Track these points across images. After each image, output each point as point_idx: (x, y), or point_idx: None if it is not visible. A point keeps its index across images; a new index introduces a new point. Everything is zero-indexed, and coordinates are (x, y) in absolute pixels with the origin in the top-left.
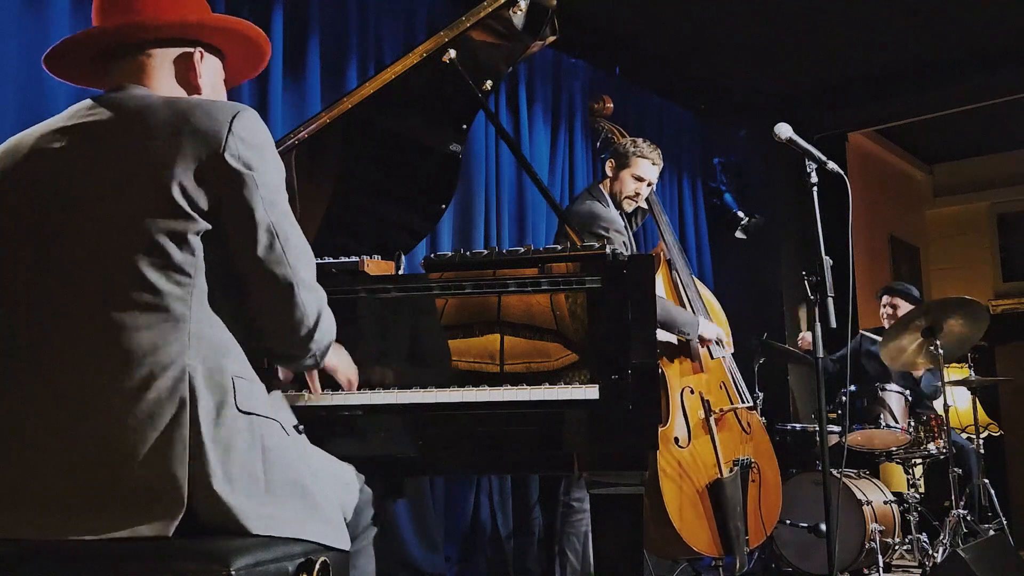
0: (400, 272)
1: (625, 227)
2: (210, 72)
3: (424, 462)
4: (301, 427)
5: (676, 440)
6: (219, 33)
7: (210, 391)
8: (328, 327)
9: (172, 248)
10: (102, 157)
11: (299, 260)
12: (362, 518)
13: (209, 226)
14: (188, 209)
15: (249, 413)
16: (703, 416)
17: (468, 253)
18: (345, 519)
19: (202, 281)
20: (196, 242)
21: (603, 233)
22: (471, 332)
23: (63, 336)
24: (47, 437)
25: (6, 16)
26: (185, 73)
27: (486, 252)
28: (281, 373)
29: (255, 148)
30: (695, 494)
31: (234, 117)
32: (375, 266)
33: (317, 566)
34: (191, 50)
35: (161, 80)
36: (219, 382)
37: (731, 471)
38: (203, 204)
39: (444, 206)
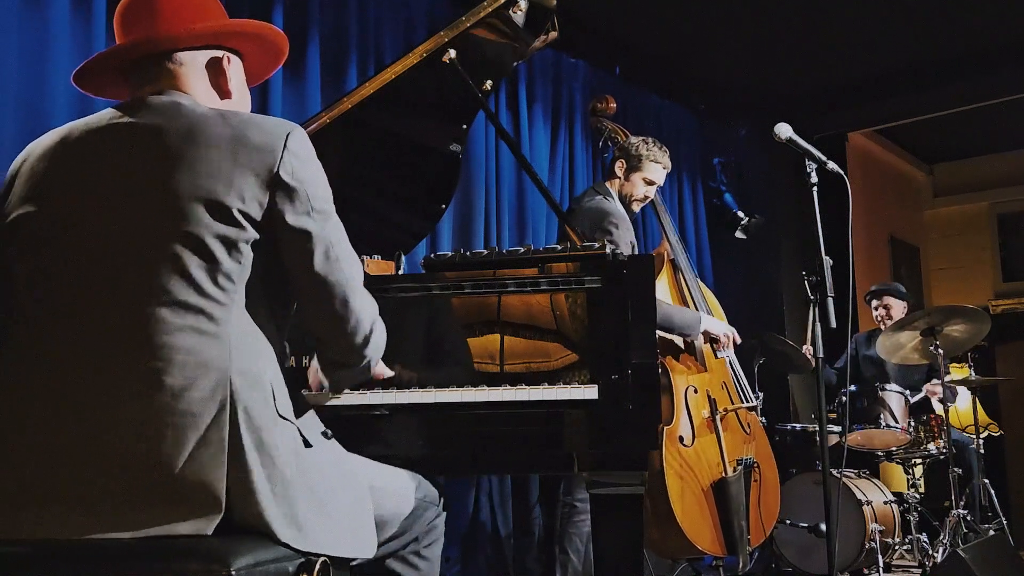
0: (400, 272)
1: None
2: (237, 76)
3: (424, 462)
4: (330, 432)
5: (681, 439)
6: (243, 38)
7: (249, 396)
8: (382, 333)
9: (223, 255)
10: (156, 160)
11: (352, 269)
12: (419, 521)
13: (257, 236)
14: (241, 219)
15: (285, 419)
16: (707, 415)
17: (468, 253)
18: (387, 524)
19: (242, 289)
20: (246, 251)
21: (613, 229)
22: (471, 332)
23: (106, 331)
24: (85, 432)
25: (6, 15)
26: (216, 78)
27: (486, 252)
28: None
29: (307, 163)
30: (700, 493)
31: (288, 134)
32: (375, 266)
33: (317, 566)
34: (220, 55)
35: (196, 86)
36: (259, 386)
37: (735, 471)
38: (256, 215)
39: (444, 206)
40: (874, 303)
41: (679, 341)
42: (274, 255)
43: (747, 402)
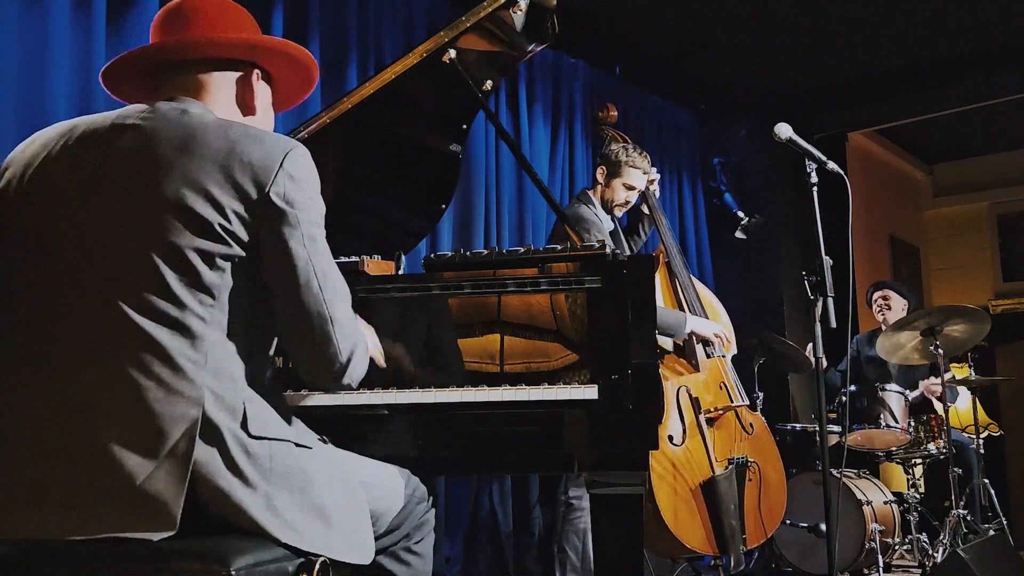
0: (400, 272)
1: (616, 232)
2: (263, 95)
3: (424, 462)
4: (325, 439)
5: (670, 438)
6: (274, 55)
7: (222, 411)
8: (360, 363)
9: (203, 268)
10: (148, 166)
11: (336, 297)
12: (410, 517)
13: (243, 254)
14: (224, 235)
15: (259, 437)
16: (697, 415)
17: (468, 253)
18: (377, 520)
19: (224, 305)
20: (227, 267)
21: (584, 234)
22: (471, 332)
23: (83, 335)
24: (57, 438)
25: (6, 16)
26: (243, 93)
27: (486, 252)
28: None
29: (302, 186)
30: (688, 492)
31: (287, 154)
32: (375, 266)
33: (317, 566)
34: (249, 71)
35: (219, 98)
36: (231, 404)
37: (725, 469)
38: (242, 234)
39: (444, 206)
40: (875, 295)
41: (670, 344)
42: (258, 275)
43: (742, 401)
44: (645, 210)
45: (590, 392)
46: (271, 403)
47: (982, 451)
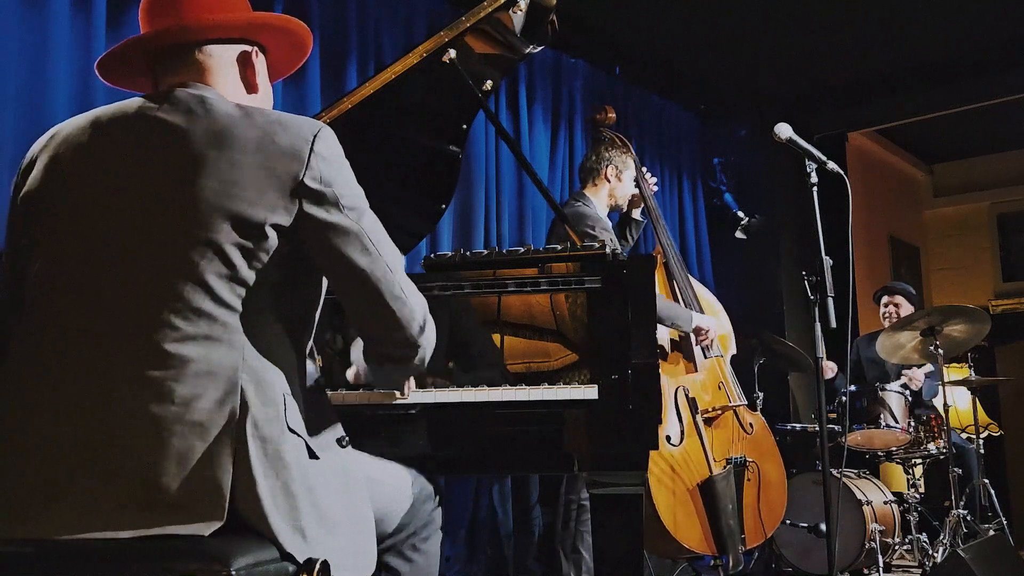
0: None
1: (612, 228)
2: (263, 71)
3: (424, 461)
4: (346, 439)
5: (668, 439)
6: (270, 31)
7: (261, 405)
8: (432, 327)
9: (240, 262)
10: (180, 163)
11: (395, 260)
12: (417, 516)
13: (282, 244)
14: (264, 227)
15: (294, 432)
16: (696, 415)
17: (468, 253)
18: (384, 520)
19: (259, 297)
20: (264, 259)
21: (589, 231)
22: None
23: (116, 334)
24: (91, 436)
25: (6, 16)
26: (245, 72)
27: (486, 252)
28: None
29: (335, 164)
30: (686, 492)
31: (315, 136)
32: None
33: (317, 566)
34: (249, 49)
35: (224, 80)
36: (271, 397)
37: (723, 469)
38: (284, 223)
39: (444, 206)
40: (884, 299)
41: (668, 344)
42: (294, 265)
43: (740, 401)
44: (636, 215)
45: (590, 392)
46: (305, 398)
47: (982, 451)
